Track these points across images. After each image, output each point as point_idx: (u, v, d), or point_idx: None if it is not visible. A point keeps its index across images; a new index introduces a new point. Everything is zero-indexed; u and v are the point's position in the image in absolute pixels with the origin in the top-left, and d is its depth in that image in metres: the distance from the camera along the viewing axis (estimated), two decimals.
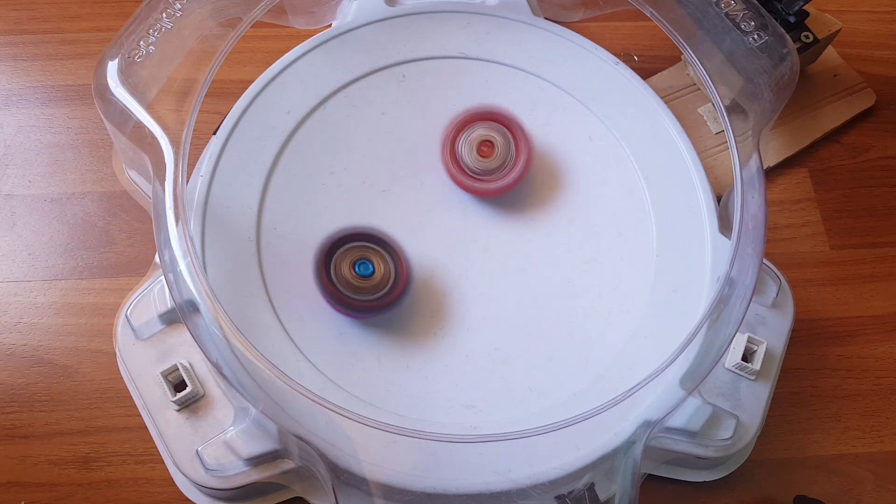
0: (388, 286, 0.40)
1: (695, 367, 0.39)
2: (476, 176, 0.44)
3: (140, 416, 0.42)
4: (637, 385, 0.36)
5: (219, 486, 0.39)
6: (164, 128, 0.39)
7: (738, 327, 0.38)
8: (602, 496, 0.38)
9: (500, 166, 0.43)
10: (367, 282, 0.40)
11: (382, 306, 0.40)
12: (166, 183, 0.38)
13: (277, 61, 0.47)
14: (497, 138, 0.43)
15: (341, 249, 0.40)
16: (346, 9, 0.49)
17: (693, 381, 0.39)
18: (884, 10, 0.60)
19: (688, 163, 0.46)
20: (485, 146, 0.43)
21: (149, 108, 0.39)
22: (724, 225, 0.44)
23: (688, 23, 0.44)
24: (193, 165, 0.44)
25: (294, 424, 0.38)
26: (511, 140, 0.44)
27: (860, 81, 0.56)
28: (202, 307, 0.37)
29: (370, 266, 0.40)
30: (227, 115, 0.45)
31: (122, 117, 0.39)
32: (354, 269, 0.40)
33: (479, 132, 0.43)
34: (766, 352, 0.42)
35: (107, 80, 0.39)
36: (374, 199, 0.44)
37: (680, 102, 0.54)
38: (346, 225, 0.41)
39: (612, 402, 0.36)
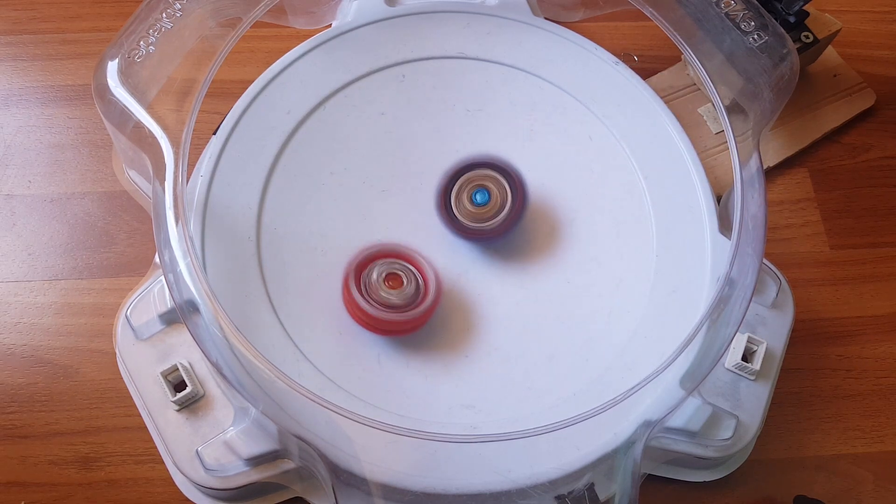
0: (504, 214, 0.42)
1: (695, 367, 0.39)
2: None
3: (140, 416, 0.42)
4: (637, 385, 0.36)
5: (219, 486, 0.39)
6: (164, 128, 0.39)
7: (738, 327, 0.38)
8: (602, 496, 0.38)
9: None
10: (483, 210, 0.42)
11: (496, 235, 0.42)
12: (166, 183, 0.38)
13: (277, 61, 0.47)
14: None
15: (463, 177, 0.42)
16: (346, 9, 0.49)
17: (693, 381, 0.39)
18: (884, 10, 0.60)
19: (688, 163, 0.46)
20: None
21: (149, 108, 0.39)
22: (724, 225, 0.44)
23: (688, 23, 0.44)
24: (193, 165, 0.44)
25: (294, 424, 0.38)
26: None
27: (860, 81, 0.56)
28: (202, 307, 0.37)
29: (487, 194, 0.42)
30: (227, 115, 0.45)
31: (122, 117, 0.39)
32: (472, 198, 0.42)
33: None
34: (766, 352, 0.42)
35: (107, 80, 0.39)
36: (373, 199, 0.44)
37: (680, 102, 0.54)
38: (470, 154, 0.43)
39: (612, 402, 0.36)
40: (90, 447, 0.44)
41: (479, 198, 0.42)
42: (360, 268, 0.40)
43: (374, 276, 0.40)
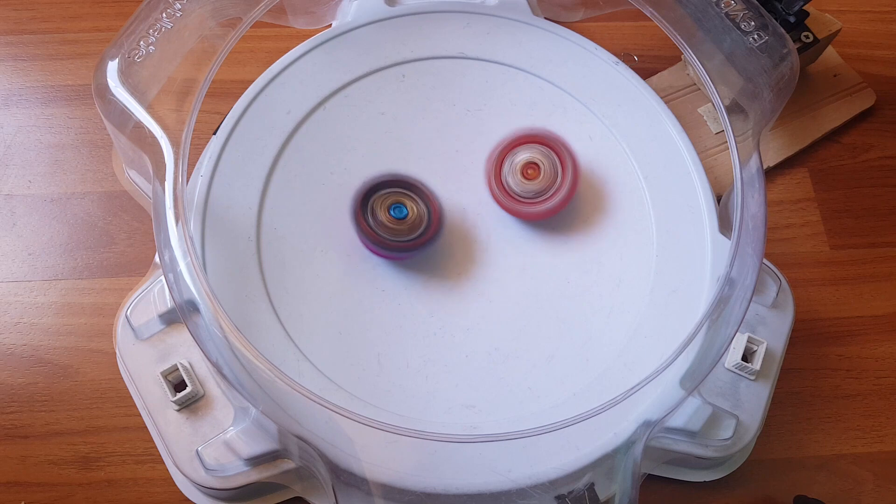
0: (422, 228, 0.42)
1: (695, 367, 0.39)
2: (521, 199, 0.43)
3: (140, 416, 0.42)
4: (637, 385, 0.36)
5: (219, 486, 0.39)
6: (164, 128, 0.39)
7: (738, 327, 0.38)
8: (602, 496, 0.38)
9: (545, 189, 0.43)
10: (402, 224, 0.41)
11: (416, 247, 0.42)
12: (166, 183, 0.38)
13: (277, 61, 0.47)
14: (543, 161, 0.43)
15: (378, 194, 0.42)
16: (346, 9, 0.49)
17: (693, 381, 0.39)
18: (884, 10, 0.60)
19: (688, 163, 0.46)
20: (530, 168, 0.43)
21: (149, 108, 0.39)
22: (724, 225, 0.44)
23: (688, 23, 0.44)
24: (193, 165, 0.44)
25: (294, 424, 0.38)
26: (557, 163, 0.43)
27: (860, 81, 0.56)
28: (202, 307, 0.37)
29: (404, 209, 0.41)
30: (227, 115, 0.45)
31: (122, 117, 0.39)
32: (390, 212, 0.41)
33: (525, 155, 0.43)
34: (766, 352, 0.42)
35: (107, 80, 0.39)
36: None
37: (680, 102, 0.54)
38: (382, 172, 0.42)
39: (612, 402, 0.36)
40: (90, 447, 0.44)
41: (395, 213, 0.42)
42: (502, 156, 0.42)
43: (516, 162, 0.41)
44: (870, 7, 0.60)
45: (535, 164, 0.43)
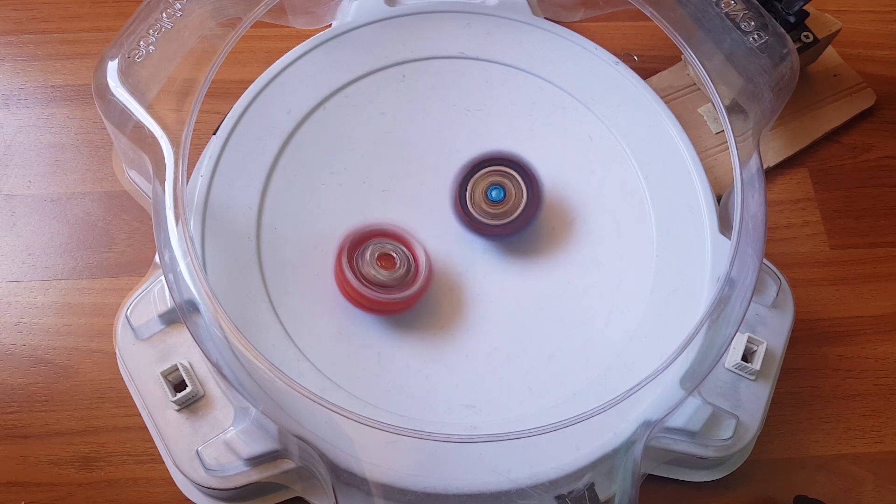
0: (520, 210, 0.42)
1: (695, 367, 0.39)
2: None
3: (140, 416, 0.42)
4: (637, 385, 0.36)
5: (219, 486, 0.39)
6: (164, 128, 0.39)
7: (738, 327, 0.38)
8: (602, 496, 0.38)
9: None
10: (498, 207, 0.42)
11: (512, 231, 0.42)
12: (166, 183, 0.38)
13: (277, 61, 0.47)
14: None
15: (479, 173, 0.42)
16: (346, 9, 0.49)
17: (693, 381, 0.39)
18: (884, 10, 0.60)
19: (688, 163, 0.46)
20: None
21: (149, 108, 0.39)
22: (724, 225, 0.44)
23: (688, 23, 0.44)
24: (193, 165, 0.44)
25: (294, 424, 0.38)
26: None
27: (860, 81, 0.56)
28: (202, 307, 0.37)
29: (503, 191, 0.42)
30: (227, 115, 0.45)
31: (122, 117, 0.39)
32: (487, 194, 0.42)
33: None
34: (766, 352, 0.42)
35: (107, 80, 0.39)
36: (374, 199, 0.44)
37: (680, 102, 0.54)
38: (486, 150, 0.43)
39: (612, 402, 0.36)
40: (90, 447, 0.44)
41: (494, 195, 0.42)
42: (353, 246, 0.41)
43: (367, 255, 0.40)
44: (870, 7, 0.60)
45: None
